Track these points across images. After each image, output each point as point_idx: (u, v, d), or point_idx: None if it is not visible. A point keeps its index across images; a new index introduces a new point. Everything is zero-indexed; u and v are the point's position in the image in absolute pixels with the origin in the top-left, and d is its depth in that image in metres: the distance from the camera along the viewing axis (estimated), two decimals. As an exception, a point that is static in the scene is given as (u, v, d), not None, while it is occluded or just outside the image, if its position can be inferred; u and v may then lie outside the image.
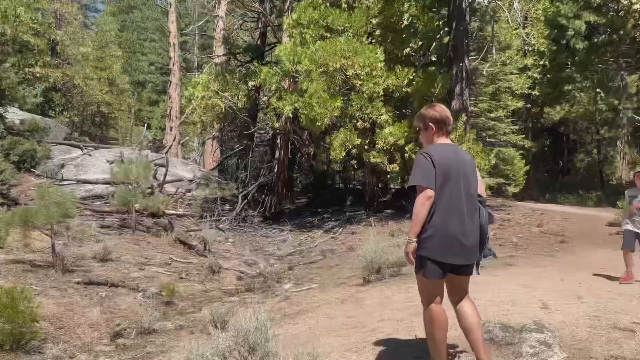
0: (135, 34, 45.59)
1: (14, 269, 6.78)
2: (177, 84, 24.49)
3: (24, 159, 15.74)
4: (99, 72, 28.91)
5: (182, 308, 6.99)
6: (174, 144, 23.59)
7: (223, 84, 14.63)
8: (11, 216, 6.98)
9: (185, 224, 13.29)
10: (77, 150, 18.85)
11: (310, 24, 12.69)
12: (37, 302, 5.17)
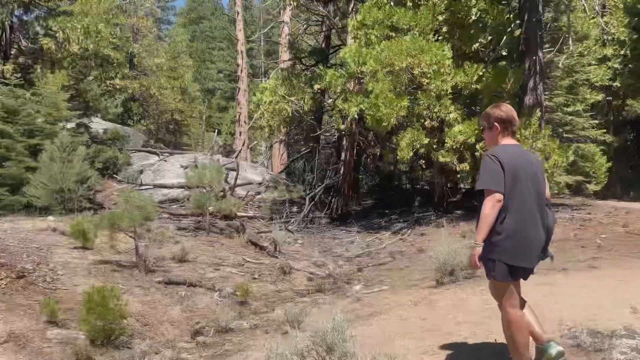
0: (204, 43, 47.44)
1: (102, 268, 7.26)
2: (245, 90, 25.20)
3: (107, 165, 16.82)
4: (172, 81, 30.34)
5: (256, 308, 7.18)
6: (243, 148, 24.29)
7: (289, 88, 14.89)
8: (100, 220, 7.48)
9: (255, 225, 13.64)
10: (154, 157, 19.86)
11: (375, 24, 12.64)
12: (124, 300, 5.50)
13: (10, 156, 12.92)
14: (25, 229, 8.79)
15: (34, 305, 5.43)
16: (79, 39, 15.89)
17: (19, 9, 16.33)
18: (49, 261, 6.91)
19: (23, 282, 5.89)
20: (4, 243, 7.28)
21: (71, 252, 7.74)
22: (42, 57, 16.74)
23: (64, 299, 5.77)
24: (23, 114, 13.62)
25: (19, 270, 6.08)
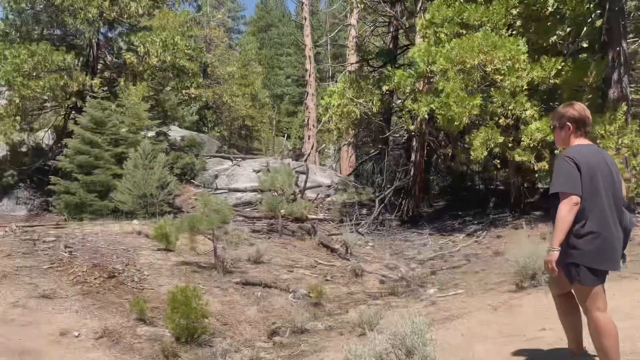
0: (272, 50, 48.54)
1: (183, 269, 7.62)
2: (313, 95, 25.50)
3: (185, 171, 17.63)
4: (243, 88, 31.30)
5: (330, 309, 7.24)
6: (311, 151, 24.59)
7: (357, 90, 14.90)
8: (180, 223, 7.87)
9: (326, 228, 13.75)
10: (228, 162, 20.56)
11: (444, 22, 12.37)
12: (205, 300, 5.74)
13: (99, 164, 13.88)
14: (114, 232, 9.41)
15: (124, 304, 5.80)
16: (157, 52, 16.76)
17: (104, 26, 17.52)
18: (136, 262, 7.35)
19: (114, 281, 6.31)
20: (96, 245, 7.84)
21: (155, 253, 8.20)
22: (125, 71, 17.85)
23: (150, 298, 6.12)
24: (109, 125, 14.59)
25: (110, 270, 6.52)
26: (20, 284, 5.61)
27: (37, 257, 6.66)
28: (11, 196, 16.63)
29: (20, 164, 17.27)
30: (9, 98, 15.88)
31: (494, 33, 11.46)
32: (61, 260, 6.58)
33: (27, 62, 14.69)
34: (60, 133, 17.90)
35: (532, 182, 15.33)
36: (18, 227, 10.25)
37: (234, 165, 19.96)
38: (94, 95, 15.44)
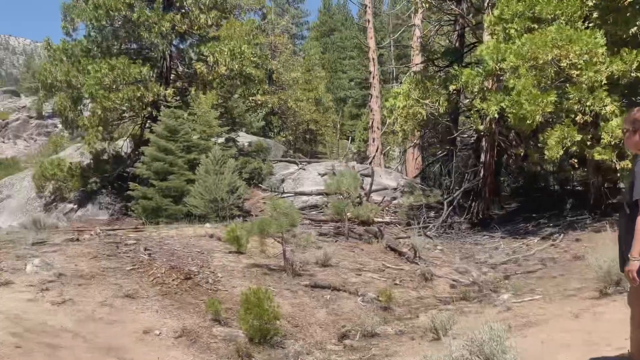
0: (335, 54, 48.80)
1: (254, 272, 7.81)
2: (377, 97, 25.36)
3: (253, 175, 18.10)
4: (307, 93, 31.69)
5: (400, 314, 7.15)
6: (376, 154, 24.44)
7: (423, 91, 14.65)
8: (251, 226, 8.08)
9: (393, 231, 13.61)
10: (294, 166, 20.87)
11: (514, 17, 11.92)
12: (276, 302, 5.86)
13: (173, 170, 14.55)
14: (188, 235, 9.81)
15: (200, 304, 6.04)
16: (226, 61, 17.35)
17: (176, 39, 18.37)
18: (210, 264, 7.62)
19: (190, 283, 6.59)
20: (173, 248, 8.21)
21: (227, 256, 8.47)
22: (195, 80, 18.60)
23: (224, 299, 6.32)
24: (182, 133, 15.25)
25: (186, 272, 6.81)
26: (107, 284, 5.98)
27: (120, 259, 7.07)
28: (95, 201, 17.77)
29: (103, 172, 18.42)
30: (92, 110, 17.02)
31: (568, 26, 10.90)
32: (142, 262, 6.95)
33: (108, 76, 15.66)
34: (138, 141, 18.92)
35: (614, 182, 14.40)
36: (102, 230, 10.93)
37: (299, 169, 20.24)
38: (167, 105, 16.22)
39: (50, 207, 18.21)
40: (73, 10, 16.95)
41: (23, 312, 4.86)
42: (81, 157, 21.66)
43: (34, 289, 5.47)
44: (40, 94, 19.94)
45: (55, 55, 17.19)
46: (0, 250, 7.63)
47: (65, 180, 17.80)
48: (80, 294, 5.55)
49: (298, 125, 31.08)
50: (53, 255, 7.10)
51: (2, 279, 5.60)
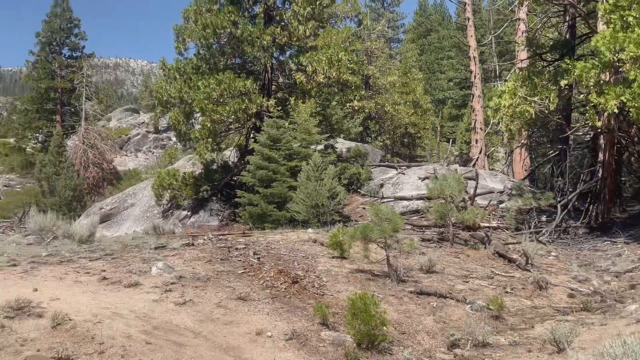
0: (433, 55, 47.79)
1: (358, 277, 7.85)
2: (480, 96, 24.38)
3: (352, 181, 18.23)
4: (405, 96, 31.32)
5: (513, 324, 6.79)
6: (480, 156, 23.48)
7: (531, 88, 13.85)
8: (354, 231, 8.13)
9: (500, 236, 12.98)
10: (392, 170, 20.70)
11: (633, 4, 10.89)
12: (382, 308, 5.83)
13: (276, 177, 15.10)
14: (292, 240, 10.10)
15: (307, 308, 6.18)
16: (324, 69, 17.68)
17: (277, 51, 19.09)
18: (315, 269, 7.78)
19: (297, 287, 6.77)
20: (279, 252, 8.50)
21: (331, 261, 8.59)
22: (295, 90, 19.18)
23: (330, 303, 6.42)
24: (283, 141, 15.79)
25: (293, 276, 7.01)
26: (221, 287, 6.34)
27: (232, 263, 7.45)
28: (206, 208, 18.93)
29: (212, 180, 19.59)
30: (202, 123, 18.16)
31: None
32: (251, 266, 7.28)
33: (215, 90, 16.66)
34: (243, 151, 19.89)
35: None
36: (213, 235, 11.62)
37: (398, 173, 20.02)
38: (270, 115, 16.89)
39: (168, 214, 19.72)
40: (184, 31, 18.27)
41: (150, 311, 5.30)
42: (193, 167, 23.25)
43: (158, 290, 5.94)
44: (157, 110, 21.74)
45: (169, 74, 18.64)
46: (129, 254, 8.39)
47: (179, 189, 19.20)
48: (198, 296, 5.94)
49: (396, 129, 30.79)
50: (173, 259, 7.67)
51: (132, 281, 6.16)
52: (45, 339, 4.38)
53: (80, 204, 24.51)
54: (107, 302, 5.44)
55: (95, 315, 4.93)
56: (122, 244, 10.15)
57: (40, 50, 42.10)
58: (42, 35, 41.94)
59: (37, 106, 41.18)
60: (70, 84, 41.14)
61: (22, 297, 5.21)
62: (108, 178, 32.06)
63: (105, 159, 33.06)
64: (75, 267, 7.31)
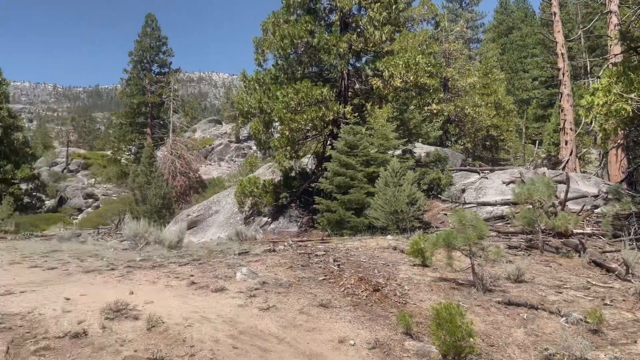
0: (515, 54, 45.74)
1: (441, 286, 7.60)
2: (569, 95, 22.93)
3: (431, 186, 17.82)
4: (486, 97, 30.21)
5: (613, 338, 6.26)
6: (570, 158, 22.05)
7: (626, 84, 12.79)
8: (436, 238, 7.90)
9: (596, 244, 12.06)
10: (474, 175, 19.99)
11: None
12: (468, 318, 5.59)
13: (353, 184, 15.09)
14: (371, 247, 10.01)
15: (390, 316, 6.07)
16: (400, 73, 17.49)
17: (353, 57, 19.14)
18: (396, 277, 7.65)
19: (378, 295, 6.68)
20: (359, 259, 8.45)
21: (412, 269, 8.40)
22: (372, 96, 19.11)
23: (413, 312, 6.27)
24: (361, 147, 15.76)
25: (374, 284, 6.93)
26: (303, 293, 6.40)
27: (312, 270, 7.51)
28: (285, 214, 19.31)
29: (291, 187, 19.97)
30: (280, 131, 18.60)
31: None
32: (332, 273, 7.29)
33: (293, 99, 16.99)
34: (320, 158, 20.10)
35: None
36: (293, 242, 11.81)
37: (481, 178, 19.29)
38: (346, 122, 16.95)
39: (249, 220, 20.34)
40: (263, 43, 18.85)
41: (236, 316, 5.46)
42: (272, 175, 23.86)
43: (243, 296, 6.10)
44: (238, 120, 22.55)
45: (249, 85, 19.29)
46: (214, 260, 8.73)
47: (260, 196, 19.76)
48: (281, 302, 6.03)
49: (477, 131, 29.74)
50: (256, 264, 7.86)
51: (218, 286, 6.38)
52: (141, 340, 4.64)
53: (169, 211, 25.94)
54: (196, 306, 5.67)
55: (186, 319, 5.15)
56: (208, 250, 10.59)
57: (133, 68, 45.32)
58: (134, 54, 45.14)
59: (130, 120, 44.30)
60: (159, 99, 43.91)
61: (120, 299, 5.57)
62: (194, 186, 33.69)
63: (192, 168, 34.78)
64: (166, 272, 7.70)
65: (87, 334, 4.71)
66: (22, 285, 6.89)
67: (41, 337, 4.59)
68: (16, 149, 33.13)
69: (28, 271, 8.48)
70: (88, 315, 5.28)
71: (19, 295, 6.15)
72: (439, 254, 8.94)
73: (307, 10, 19.19)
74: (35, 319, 5.11)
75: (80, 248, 13.11)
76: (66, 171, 50.42)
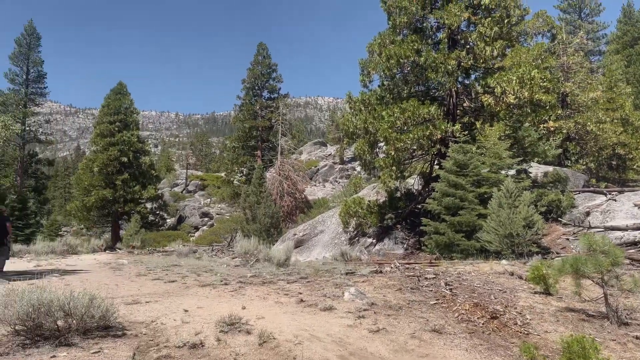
0: (644, 64, 41.54)
1: (568, 316, 6.88)
2: None
3: (550, 209, 16.51)
4: (611, 113, 27.63)
5: None
6: None
7: None
8: (562, 264, 7.19)
9: None
10: (600, 197, 18.23)
11: None
12: (604, 354, 4.96)
13: (463, 205, 14.44)
14: (484, 272, 9.41)
15: (511, 347, 5.58)
16: (514, 89, 16.59)
17: (461, 75, 18.55)
18: (515, 304, 7.06)
19: (497, 323, 6.19)
20: (472, 284, 7.96)
21: (532, 296, 7.73)
22: (482, 113, 18.32)
23: (538, 344, 5.70)
24: (471, 167, 15.10)
25: (492, 311, 6.44)
26: (414, 317, 6.12)
27: (422, 293, 7.19)
28: (390, 236, 18.98)
29: (396, 208, 19.63)
30: (386, 151, 18.45)
31: None
32: (444, 297, 6.91)
33: (399, 119, 16.80)
34: (427, 178, 19.58)
35: None
36: (400, 264, 11.51)
37: (608, 200, 17.51)
38: (455, 140, 16.36)
39: (354, 241, 20.28)
40: (369, 64, 18.97)
41: (345, 336, 5.34)
42: (377, 195, 23.68)
43: (352, 316, 5.98)
44: (343, 142, 22.79)
45: (354, 106, 19.45)
46: (321, 279, 8.73)
47: (364, 217, 19.65)
48: (391, 324, 5.81)
49: (601, 150, 27.19)
50: (363, 285, 7.72)
51: (327, 305, 6.33)
52: (254, 355, 4.69)
53: (277, 230, 26.74)
54: (305, 324, 5.65)
55: (296, 336, 5.14)
56: (314, 269, 10.66)
57: (245, 95, 48.05)
58: (247, 81, 47.87)
59: (242, 143, 46.80)
60: (268, 123, 46.00)
61: (233, 313, 5.72)
62: (300, 206, 34.52)
63: (298, 189, 35.72)
64: (275, 288, 7.83)
65: (203, 345, 4.87)
66: (146, 295, 7.39)
67: (163, 345, 4.82)
68: (143, 172, 36.39)
69: (151, 283, 9.12)
70: (204, 327, 5.47)
71: (144, 305, 6.57)
72: (563, 282, 8.16)
73: (413, 30, 19.04)
74: (157, 327, 5.40)
75: (197, 263, 13.92)
76: (185, 191, 54.45)
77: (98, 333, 5.07)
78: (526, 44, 24.03)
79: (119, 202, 34.41)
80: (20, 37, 47.33)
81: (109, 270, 12.52)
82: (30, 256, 19.43)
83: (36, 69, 47.52)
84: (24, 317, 4.68)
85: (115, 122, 35.43)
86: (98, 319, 5.09)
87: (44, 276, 9.64)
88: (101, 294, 5.92)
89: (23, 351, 4.52)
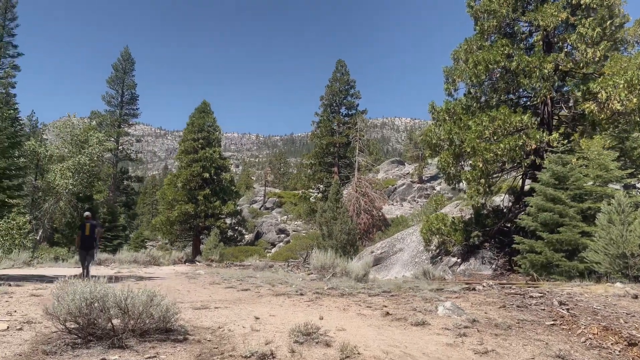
0: None
1: None
2: None
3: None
4: None
5: None
6: None
7: None
8: None
9: None
10: None
11: None
12: None
13: (563, 221, 12.89)
14: (598, 294, 8.06)
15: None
16: (620, 95, 14.83)
17: (558, 80, 16.96)
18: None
19: (636, 350, 4.98)
20: (590, 305, 6.70)
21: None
22: (581, 122, 16.60)
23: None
24: (572, 179, 13.53)
25: (627, 336, 5.23)
26: (528, 339, 5.06)
27: (532, 312, 6.08)
28: (477, 256, 17.53)
29: (483, 225, 18.17)
30: (472, 164, 17.16)
31: None
32: (562, 317, 5.77)
33: (488, 128, 15.54)
34: (519, 193, 18.00)
35: None
36: (494, 283, 10.28)
37: None
38: (552, 151, 14.83)
39: (436, 260, 19.00)
40: (454, 72, 17.89)
41: (445, 356, 4.43)
42: (460, 212, 22.23)
43: (450, 333, 5.05)
44: (424, 158, 21.66)
45: (438, 116, 18.37)
46: (406, 294, 7.81)
47: (448, 234, 18.34)
48: (501, 346, 4.80)
49: None
50: (457, 301, 6.73)
51: (418, 319, 5.44)
52: (336, 370, 3.91)
53: (353, 248, 25.90)
54: (394, 340, 4.81)
55: (386, 353, 4.31)
56: (396, 285, 9.74)
57: (323, 111, 48.10)
58: (325, 97, 47.95)
59: (320, 160, 46.69)
60: (345, 139, 45.60)
61: (310, 323, 5.01)
62: (377, 224, 33.48)
63: (375, 206, 34.74)
64: (355, 300, 7.05)
65: (274, 356, 4.19)
66: (216, 302, 6.88)
67: (228, 354, 4.19)
68: (224, 187, 37.10)
69: (224, 291, 8.65)
70: (276, 336, 4.80)
71: (212, 310, 6.04)
72: None
73: (503, 34, 17.78)
74: (224, 334, 4.81)
75: (272, 276, 13.43)
76: (263, 208, 55.18)
77: (157, 336, 4.54)
78: (627, 53, 21.82)
79: (200, 217, 35.21)
80: (117, 62, 50.85)
81: (185, 278, 12.32)
82: (114, 264, 19.99)
83: (130, 92, 50.72)
84: (75, 312, 4.23)
85: (198, 139, 36.55)
86: (157, 319, 4.56)
87: (120, 280, 9.51)
88: (169, 297, 5.44)
89: (72, 351, 4.06)
